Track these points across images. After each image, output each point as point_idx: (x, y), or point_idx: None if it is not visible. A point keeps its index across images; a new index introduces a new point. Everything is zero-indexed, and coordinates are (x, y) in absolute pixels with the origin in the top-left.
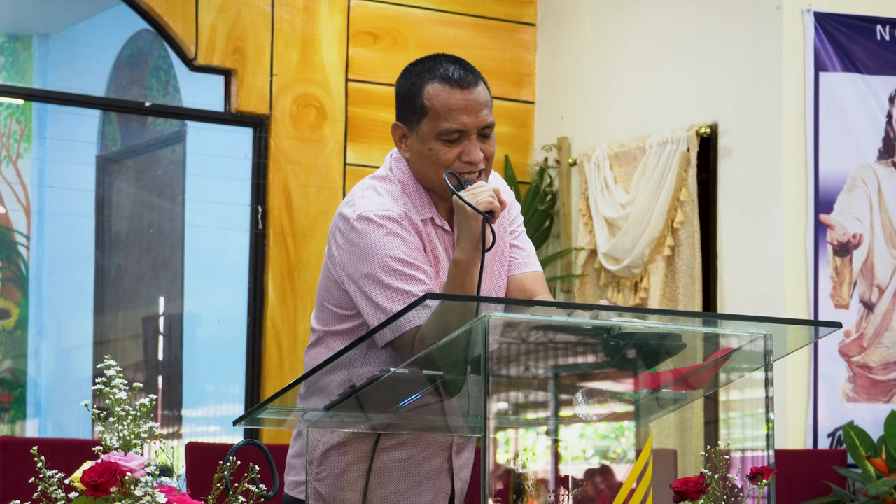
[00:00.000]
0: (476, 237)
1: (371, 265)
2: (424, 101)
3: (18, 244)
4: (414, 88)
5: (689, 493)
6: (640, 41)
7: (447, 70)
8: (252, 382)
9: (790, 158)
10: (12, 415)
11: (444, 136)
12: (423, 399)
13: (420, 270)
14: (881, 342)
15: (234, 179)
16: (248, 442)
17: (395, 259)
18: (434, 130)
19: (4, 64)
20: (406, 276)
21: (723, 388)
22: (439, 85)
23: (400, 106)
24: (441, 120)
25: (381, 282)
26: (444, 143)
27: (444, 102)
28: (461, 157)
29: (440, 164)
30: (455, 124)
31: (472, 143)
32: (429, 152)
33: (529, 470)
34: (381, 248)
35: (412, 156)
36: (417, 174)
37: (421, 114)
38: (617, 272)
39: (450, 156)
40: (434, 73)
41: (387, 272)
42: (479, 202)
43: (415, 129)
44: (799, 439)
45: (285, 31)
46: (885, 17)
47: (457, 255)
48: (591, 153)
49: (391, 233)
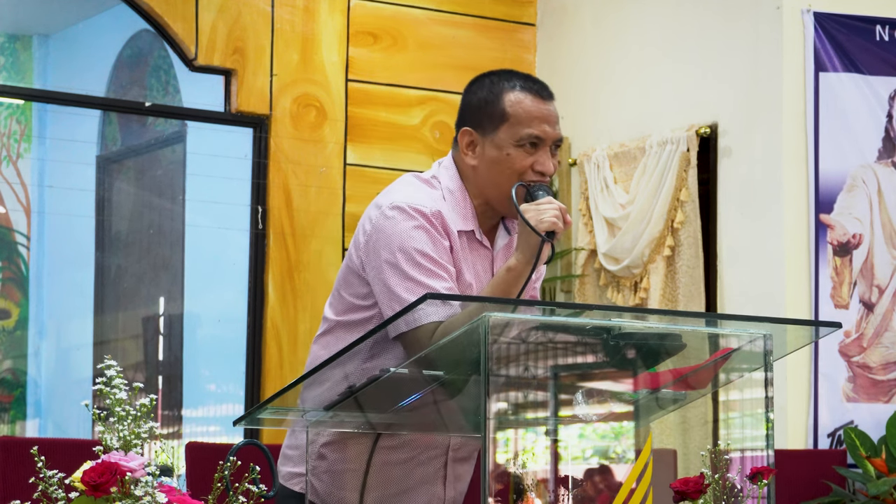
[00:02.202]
0: (533, 252)
1: (395, 253)
2: (506, 108)
3: (18, 244)
4: (492, 95)
5: (689, 493)
6: (640, 41)
7: (528, 81)
8: (252, 382)
9: (790, 158)
10: (12, 415)
11: (523, 142)
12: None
13: (444, 269)
14: (881, 342)
15: (234, 179)
16: (248, 442)
17: (420, 252)
18: (514, 137)
19: (4, 64)
20: (429, 271)
21: (723, 388)
22: (522, 93)
23: (472, 112)
24: (523, 126)
25: (402, 272)
26: (523, 151)
27: (528, 110)
28: (534, 166)
29: (515, 171)
30: (537, 131)
31: (546, 154)
32: (506, 157)
33: (529, 470)
34: (409, 238)
35: (481, 163)
36: (482, 183)
37: (500, 120)
38: (617, 272)
39: (526, 163)
40: (514, 83)
41: (410, 263)
42: (542, 220)
43: (490, 135)
44: (799, 439)
45: (285, 31)
46: (884, 17)
47: (511, 263)
48: (591, 153)
49: (421, 227)
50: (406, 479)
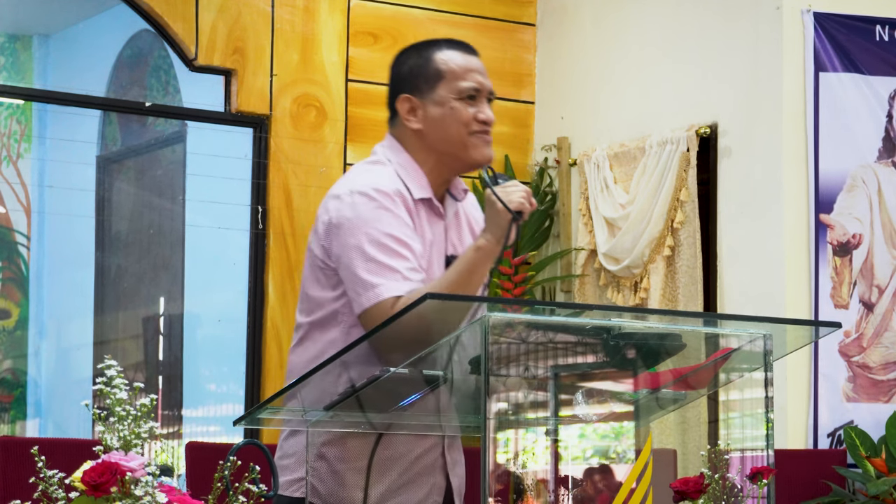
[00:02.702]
0: (502, 232)
1: (358, 237)
2: (440, 66)
3: (18, 244)
4: (423, 59)
5: (689, 493)
6: (640, 41)
7: (451, 42)
8: (252, 382)
9: (790, 158)
10: (12, 415)
11: (464, 93)
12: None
13: (407, 248)
14: (881, 342)
15: (234, 179)
16: (248, 442)
17: (383, 233)
18: (454, 91)
19: (4, 64)
20: (391, 251)
21: (723, 388)
22: (450, 52)
23: (406, 80)
24: (459, 80)
25: (365, 253)
26: (465, 102)
27: (461, 65)
28: (477, 115)
29: (461, 122)
30: (473, 83)
31: (485, 104)
32: (450, 111)
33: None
34: (372, 220)
35: (426, 124)
36: (431, 141)
37: (436, 79)
38: (617, 272)
39: (469, 114)
40: (440, 45)
41: (373, 244)
42: (511, 201)
43: (429, 95)
44: (799, 439)
45: (285, 31)
46: (884, 17)
47: (480, 243)
48: (591, 153)
49: (382, 207)
50: (407, 472)
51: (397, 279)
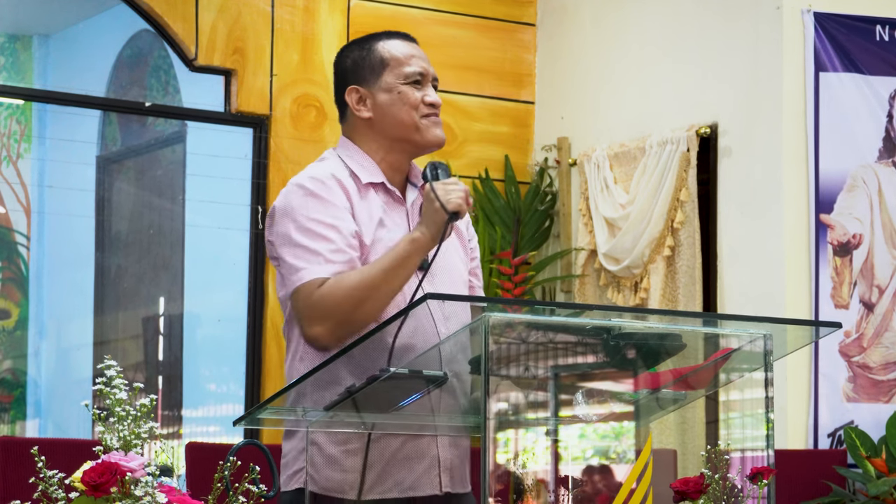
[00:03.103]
0: (438, 230)
1: (286, 225)
2: (383, 55)
3: (18, 244)
4: (365, 51)
5: (689, 493)
6: (640, 41)
7: (389, 33)
8: (252, 382)
9: (790, 158)
10: (12, 415)
11: (411, 78)
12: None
13: (333, 229)
14: (881, 342)
15: (234, 179)
16: (248, 442)
17: (309, 218)
18: (400, 76)
19: (4, 64)
20: (315, 234)
21: (723, 388)
22: (391, 41)
23: (351, 73)
24: (404, 66)
25: (291, 240)
26: (411, 87)
27: (404, 52)
28: (425, 98)
29: (410, 104)
30: (417, 68)
31: (431, 89)
32: (398, 96)
33: (529, 470)
34: (298, 207)
35: (377, 111)
36: (383, 127)
37: (381, 67)
38: (617, 272)
39: (417, 97)
40: (379, 37)
41: (299, 230)
42: (449, 200)
43: (376, 83)
44: (799, 439)
45: (285, 31)
46: (885, 17)
47: (416, 235)
48: (591, 153)
49: (310, 193)
50: (404, 448)
51: (320, 262)
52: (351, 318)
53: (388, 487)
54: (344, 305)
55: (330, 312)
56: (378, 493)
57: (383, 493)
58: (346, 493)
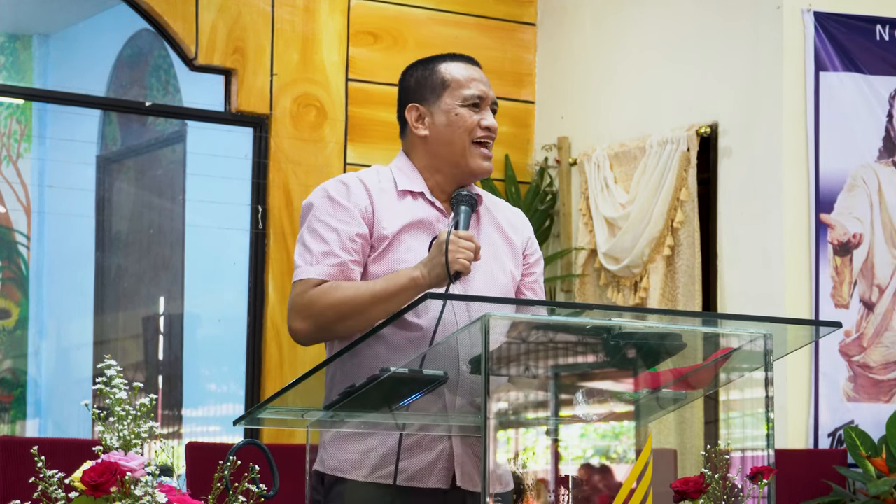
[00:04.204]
0: (436, 281)
1: (303, 222)
2: (444, 77)
3: (18, 244)
4: (429, 71)
5: (689, 493)
6: (640, 41)
7: (454, 55)
8: (252, 382)
9: (790, 158)
10: (12, 415)
11: (469, 101)
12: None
13: (333, 231)
14: (881, 342)
15: (234, 179)
16: (248, 442)
17: (318, 220)
18: (459, 98)
19: (4, 64)
20: (317, 235)
21: (723, 388)
22: (454, 63)
23: (413, 91)
24: (464, 88)
25: (301, 237)
26: (469, 110)
27: (465, 74)
28: (481, 122)
29: (465, 128)
30: (477, 91)
31: (489, 113)
32: (455, 118)
33: (529, 470)
34: (315, 208)
35: (432, 130)
36: (436, 146)
37: (442, 88)
38: (617, 272)
39: (473, 121)
40: (444, 58)
41: (308, 229)
42: (455, 259)
43: (436, 103)
44: (799, 439)
45: (285, 31)
46: (885, 17)
47: (416, 274)
48: (591, 153)
49: (327, 196)
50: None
51: (311, 262)
52: (332, 327)
53: (386, 473)
54: (328, 313)
55: (314, 315)
56: (376, 477)
57: (383, 479)
58: (348, 473)
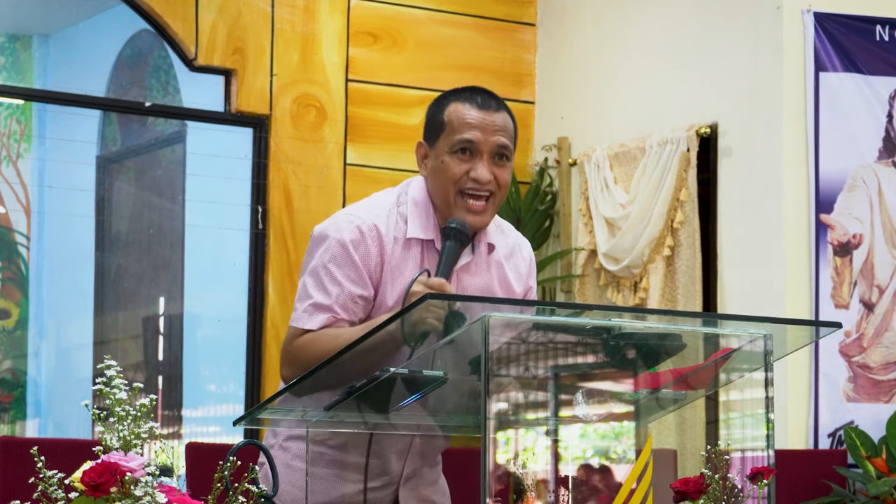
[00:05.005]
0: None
1: (310, 256)
2: (444, 117)
3: (18, 244)
4: (438, 108)
5: (689, 493)
6: (640, 41)
7: (472, 93)
8: (252, 382)
9: (790, 158)
10: (12, 415)
11: (455, 147)
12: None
13: (337, 286)
14: (881, 342)
15: (234, 179)
16: (248, 442)
17: (324, 265)
18: (448, 144)
19: (4, 64)
20: (320, 283)
21: (723, 388)
22: (462, 103)
23: (425, 126)
24: (454, 133)
25: (305, 275)
26: (456, 158)
27: (461, 117)
28: (469, 173)
29: (450, 179)
30: (467, 135)
31: (483, 163)
32: (441, 165)
33: (529, 470)
34: (325, 251)
35: (430, 174)
36: (432, 192)
37: (440, 129)
38: (617, 272)
39: (459, 171)
40: (459, 96)
41: (312, 270)
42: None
43: (434, 145)
44: (799, 439)
45: (285, 31)
46: (885, 17)
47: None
48: (591, 153)
49: (341, 243)
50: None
51: (307, 311)
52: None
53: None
54: (312, 363)
55: (300, 364)
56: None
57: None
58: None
